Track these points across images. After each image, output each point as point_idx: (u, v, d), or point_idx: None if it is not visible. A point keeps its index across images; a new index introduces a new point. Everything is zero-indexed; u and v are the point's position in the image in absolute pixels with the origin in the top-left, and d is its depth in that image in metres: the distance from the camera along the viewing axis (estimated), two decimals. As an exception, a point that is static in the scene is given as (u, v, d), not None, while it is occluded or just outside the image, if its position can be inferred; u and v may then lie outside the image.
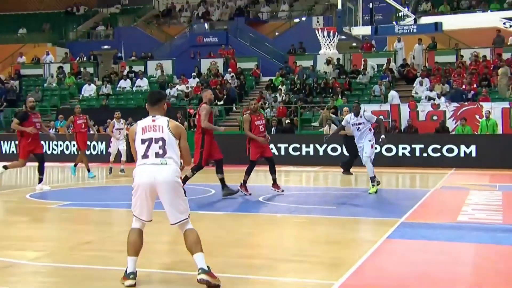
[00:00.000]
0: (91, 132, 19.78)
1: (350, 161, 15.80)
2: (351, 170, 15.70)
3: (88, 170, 17.87)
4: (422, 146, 20.58)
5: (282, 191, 13.39)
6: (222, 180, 13.04)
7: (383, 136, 13.92)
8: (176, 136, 6.13)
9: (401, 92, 25.62)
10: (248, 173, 13.39)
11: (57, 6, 43.09)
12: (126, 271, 6.02)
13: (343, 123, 14.43)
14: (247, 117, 13.61)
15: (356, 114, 13.93)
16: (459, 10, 31.47)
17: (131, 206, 6.18)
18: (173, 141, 6.09)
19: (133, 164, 6.27)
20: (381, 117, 16.78)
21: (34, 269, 6.88)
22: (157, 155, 6.04)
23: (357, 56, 29.77)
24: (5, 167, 14.79)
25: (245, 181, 13.31)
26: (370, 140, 13.68)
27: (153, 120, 6.14)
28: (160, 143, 6.05)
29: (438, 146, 20.44)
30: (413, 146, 20.55)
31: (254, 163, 13.42)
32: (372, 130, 13.90)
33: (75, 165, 18.41)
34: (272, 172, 13.47)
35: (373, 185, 13.53)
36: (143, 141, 6.09)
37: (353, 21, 15.78)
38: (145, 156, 6.06)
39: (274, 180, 13.49)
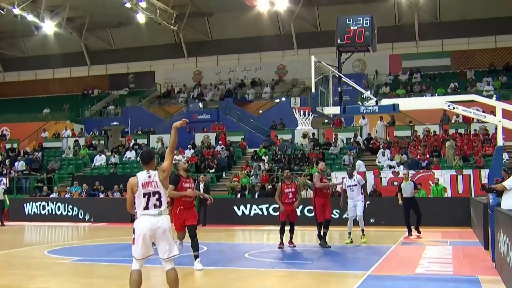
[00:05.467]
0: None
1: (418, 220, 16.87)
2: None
3: None
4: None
5: (294, 246, 13.84)
6: (325, 234, 13.88)
7: (368, 202, 14.60)
8: (166, 188, 6.72)
9: (366, 161, 25.76)
10: (281, 232, 13.78)
11: (75, 90, 43.56)
12: None
13: (342, 186, 15.36)
14: (279, 185, 14.29)
15: (350, 176, 14.89)
16: (412, 93, 32.19)
17: (132, 251, 6.54)
18: (165, 191, 6.71)
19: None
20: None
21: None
22: (155, 206, 6.61)
23: (329, 131, 30.04)
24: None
25: (280, 239, 13.75)
26: (362, 201, 14.71)
27: (149, 176, 6.67)
28: (157, 196, 6.64)
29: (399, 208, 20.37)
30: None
31: (283, 223, 13.83)
32: (363, 193, 14.88)
33: None
34: (291, 231, 13.99)
35: (363, 235, 14.70)
36: (144, 195, 6.60)
37: (325, 101, 16.03)
38: (146, 207, 6.59)
39: (291, 238, 13.98)
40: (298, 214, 20.88)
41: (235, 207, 22.36)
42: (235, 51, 40.05)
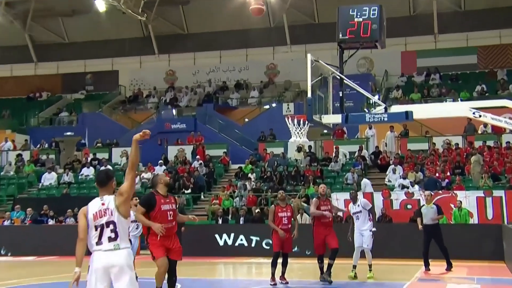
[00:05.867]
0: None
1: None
2: None
3: None
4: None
5: (287, 282, 13.96)
6: (330, 266, 14.01)
7: (374, 229, 14.72)
8: (125, 216, 6.55)
9: (374, 180, 25.78)
10: (273, 265, 13.83)
11: (18, 92, 43.23)
12: None
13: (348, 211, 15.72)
14: (272, 208, 14.47)
15: (354, 201, 14.95)
16: (429, 98, 32.26)
17: None
18: (122, 220, 6.54)
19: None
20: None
21: None
22: (110, 239, 6.46)
23: (328, 143, 30.07)
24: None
25: (272, 273, 13.78)
26: (370, 230, 14.69)
27: (103, 204, 6.53)
28: (112, 226, 6.48)
29: (414, 236, 20.32)
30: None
31: (277, 254, 13.87)
32: (371, 221, 14.85)
33: None
34: (284, 265, 14.06)
35: (370, 270, 14.87)
36: (96, 228, 6.47)
37: (324, 108, 15.96)
38: (99, 242, 6.45)
39: (283, 272, 14.05)
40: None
41: (216, 235, 22.22)
42: (216, 47, 40.14)
